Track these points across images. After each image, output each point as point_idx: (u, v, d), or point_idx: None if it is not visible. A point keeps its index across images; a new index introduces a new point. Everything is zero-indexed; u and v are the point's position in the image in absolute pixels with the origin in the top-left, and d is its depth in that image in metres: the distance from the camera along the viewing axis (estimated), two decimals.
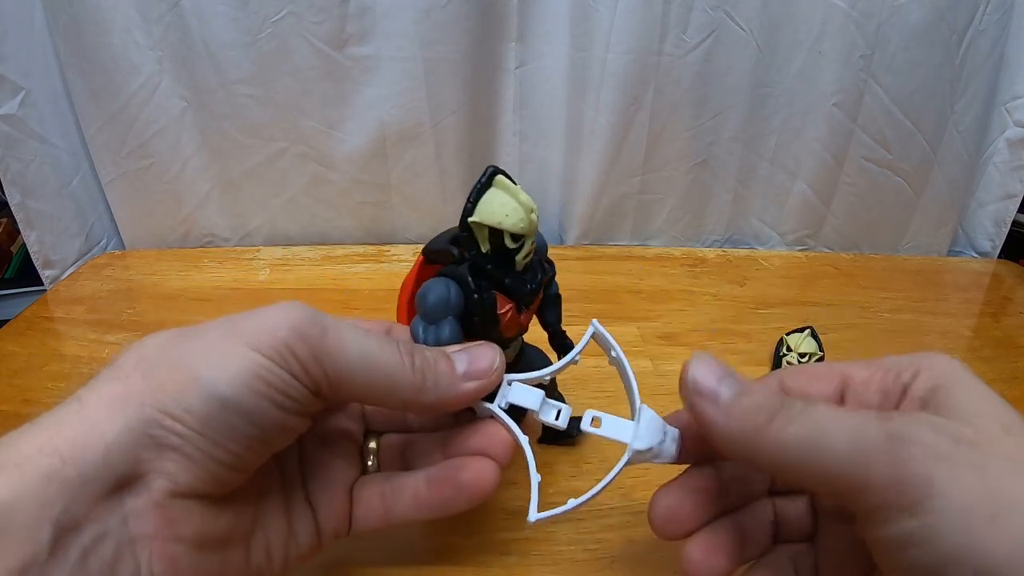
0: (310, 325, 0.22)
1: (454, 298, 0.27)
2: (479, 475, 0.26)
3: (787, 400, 0.20)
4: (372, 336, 0.23)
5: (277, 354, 0.21)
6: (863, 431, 0.18)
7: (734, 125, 0.65)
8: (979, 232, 0.73)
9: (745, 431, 0.20)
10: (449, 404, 0.25)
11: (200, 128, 0.62)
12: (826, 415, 0.19)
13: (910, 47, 0.60)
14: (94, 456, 0.19)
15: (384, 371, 0.23)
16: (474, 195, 0.26)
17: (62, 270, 0.65)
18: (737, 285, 0.63)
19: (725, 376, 0.22)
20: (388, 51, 0.59)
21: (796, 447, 0.19)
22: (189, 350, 0.21)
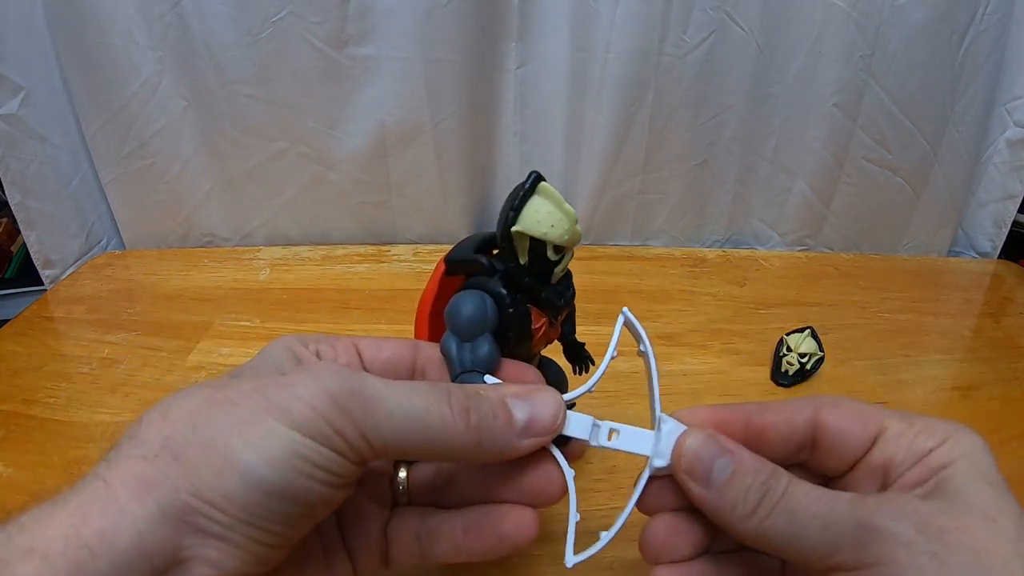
0: (351, 398, 0.20)
1: (490, 313, 0.25)
2: (520, 527, 0.25)
3: (770, 482, 0.21)
4: (418, 395, 0.22)
5: (319, 432, 0.20)
6: (835, 518, 0.20)
7: (734, 125, 0.65)
8: (979, 232, 0.73)
9: (731, 521, 0.22)
10: (507, 458, 0.23)
11: (200, 128, 0.62)
12: (803, 504, 0.21)
13: (910, 47, 0.60)
14: (126, 546, 0.17)
15: (434, 434, 0.21)
16: (518, 203, 0.24)
17: (62, 270, 0.65)
18: (737, 285, 0.63)
19: (718, 456, 0.22)
20: (388, 51, 0.59)
21: (776, 535, 0.21)
22: (222, 429, 0.20)
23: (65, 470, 0.39)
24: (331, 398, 0.20)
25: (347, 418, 0.20)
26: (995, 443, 0.46)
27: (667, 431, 0.24)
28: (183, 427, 0.20)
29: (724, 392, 0.47)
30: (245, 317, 0.55)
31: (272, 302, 0.58)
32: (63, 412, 0.44)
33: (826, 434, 0.24)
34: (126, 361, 0.50)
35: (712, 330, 0.55)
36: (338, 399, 0.20)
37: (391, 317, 0.55)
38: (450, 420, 0.22)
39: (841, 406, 0.24)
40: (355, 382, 0.21)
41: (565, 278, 0.28)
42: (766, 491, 0.21)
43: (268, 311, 0.56)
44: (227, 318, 0.55)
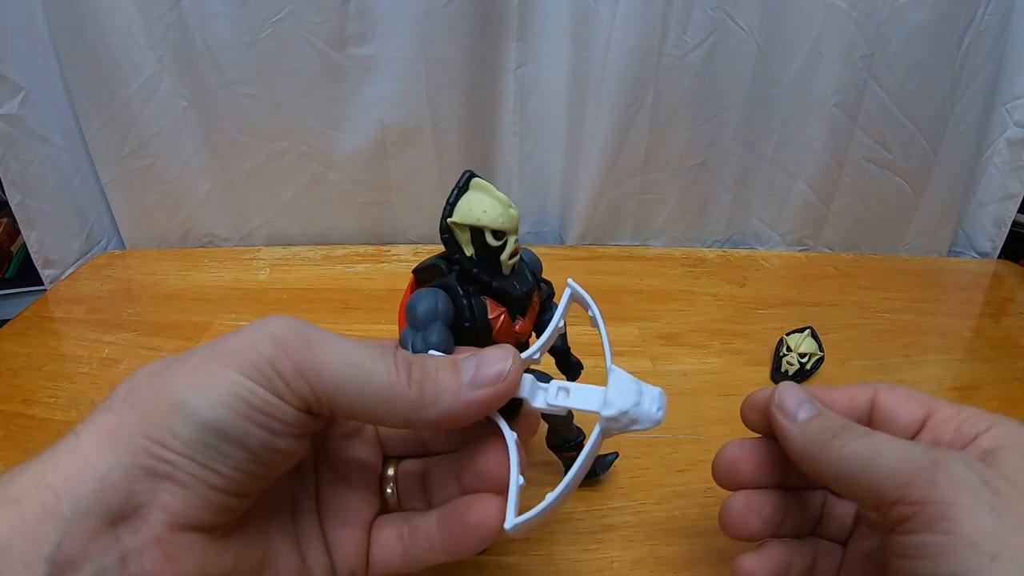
0: (294, 338, 0.21)
1: (442, 305, 0.26)
2: (485, 515, 0.24)
3: (852, 424, 0.24)
4: (364, 348, 0.22)
5: (259, 373, 0.20)
6: (912, 454, 0.21)
7: (734, 125, 0.65)
8: (979, 232, 0.73)
9: (814, 444, 0.24)
10: (457, 418, 0.23)
11: (200, 128, 0.62)
12: (883, 439, 0.23)
13: (910, 47, 0.60)
14: (87, 490, 0.18)
15: (375, 385, 0.21)
16: (452, 198, 0.27)
17: (62, 270, 0.65)
18: (737, 285, 0.63)
19: (805, 401, 0.25)
20: (388, 51, 0.59)
21: (852, 460, 0.22)
22: (173, 376, 0.21)
23: None
24: (274, 340, 0.21)
25: (288, 359, 0.20)
26: None
27: (615, 381, 0.23)
28: (143, 380, 0.21)
29: (724, 392, 0.47)
30: (245, 317, 0.55)
31: (272, 302, 0.58)
32: (63, 412, 0.44)
33: (881, 411, 0.26)
34: (126, 361, 0.50)
35: (712, 330, 0.55)
36: (281, 340, 0.21)
37: (391, 317, 0.54)
38: (393, 372, 0.22)
39: (897, 389, 0.27)
40: (302, 327, 0.22)
41: (520, 271, 0.29)
42: (846, 428, 0.24)
43: (268, 311, 0.56)
44: (227, 318, 0.55)
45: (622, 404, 0.23)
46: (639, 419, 0.23)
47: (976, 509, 0.19)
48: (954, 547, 0.19)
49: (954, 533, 0.19)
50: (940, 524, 0.19)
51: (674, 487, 0.38)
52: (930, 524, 0.20)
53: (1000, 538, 0.19)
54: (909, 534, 0.20)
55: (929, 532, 0.20)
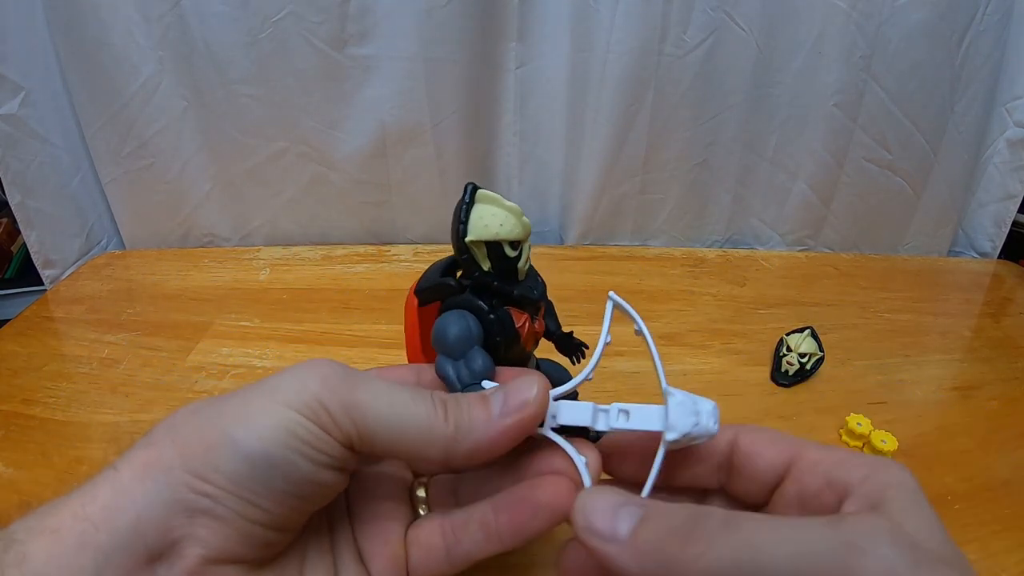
0: (339, 379, 0.22)
1: (474, 327, 0.26)
2: (557, 493, 0.23)
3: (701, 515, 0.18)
4: (404, 390, 0.23)
5: (307, 408, 0.21)
6: (809, 542, 0.16)
7: (734, 125, 0.65)
8: (979, 232, 0.73)
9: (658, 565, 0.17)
10: (489, 449, 0.23)
11: (200, 128, 0.62)
12: (759, 527, 0.17)
13: (910, 47, 0.60)
14: (125, 523, 0.19)
15: (416, 424, 0.22)
16: (463, 215, 0.26)
17: (62, 270, 0.65)
18: (737, 285, 0.63)
19: (620, 506, 0.19)
20: (388, 51, 0.59)
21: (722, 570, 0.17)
22: (218, 413, 0.21)
23: (65, 470, 0.39)
24: (321, 378, 0.21)
25: (334, 396, 0.21)
26: (995, 443, 0.46)
27: (675, 405, 0.23)
28: (185, 416, 0.21)
29: (724, 392, 0.47)
30: (245, 317, 0.55)
31: (272, 302, 0.58)
32: (63, 412, 0.44)
33: (741, 456, 0.24)
34: (126, 361, 0.50)
35: (712, 330, 0.55)
36: (328, 380, 0.21)
37: (391, 317, 0.55)
38: (432, 411, 0.22)
39: (761, 431, 0.24)
40: (346, 369, 0.22)
41: (531, 272, 0.29)
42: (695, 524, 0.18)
43: (268, 311, 0.56)
44: (227, 318, 0.55)
45: (683, 427, 0.23)
46: (699, 436, 0.23)
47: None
48: None
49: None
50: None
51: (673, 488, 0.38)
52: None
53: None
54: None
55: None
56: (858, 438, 0.42)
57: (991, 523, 0.37)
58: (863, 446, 0.42)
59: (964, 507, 0.38)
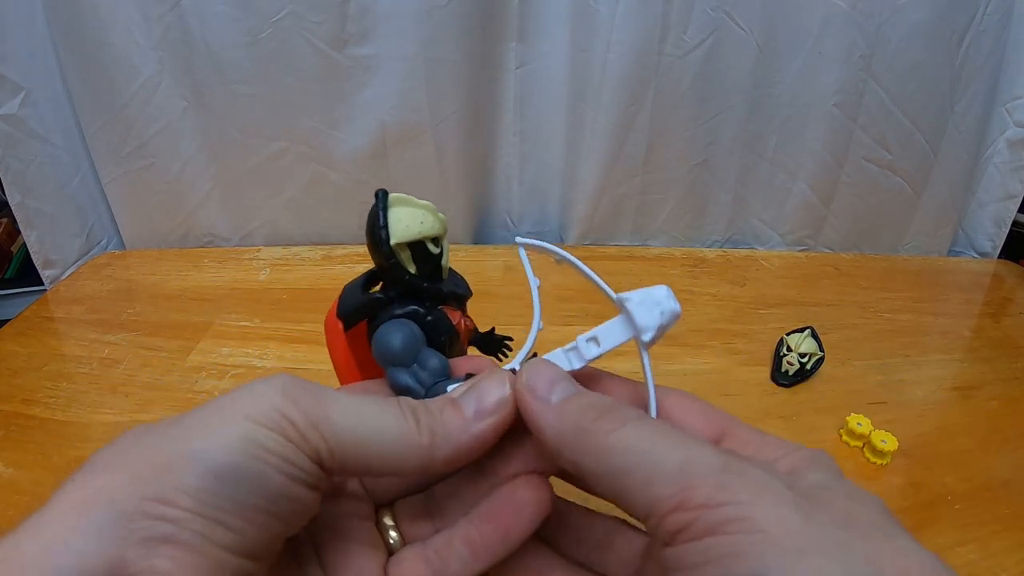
0: (303, 392, 0.20)
1: (418, 332, 0.25)
2: (535, 490, 0.23)
3: (622, 406, 0.20)
4: (371, 401, 0.21)
5: (270, 420, 0.19)
6: (699, 454, 0.18)
7: (734, 125, 0.65)
8: (979, 232, 0.73)
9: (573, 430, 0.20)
10: (468, 454, 0.22)
11: (200, 128, 0.62)
12: (662, 430, 0.19)
13: (910, 47, 0.60)
14: (66, 565, 0.16)
15: (388, 436, 0.21)
16: (382, 221, 0.25)
17: (62, 270, 0.65)
18: (737, 285, 0.63)
19: (561, 379, 0.22)
20: (388, 51, 0.59)
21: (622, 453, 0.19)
22: (173, 429, 0.19)
23: (65, 470, 0.39)
24: (283, 391, 0.20)
25: (298, 409, 0.20)
26: (995, 443, 0.46)
27: (635, 304, 0.23)
28: (129, 442, 0.19)
29: (724, 392, 0.47)
30: (245, 317, 0.55)
31: (272, 302, 0.58)
32: (63, 412, 0.44)
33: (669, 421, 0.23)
34: (126, 361, 0.50)
35: (712, 330, 0.55)
36: (289, 392, 0.20)
37: None
38: (403, 421, 0.21)
39: (691, 399, 0.24)
40: (308, 383, 0.21)
41: (451, 270, 0.29)
42: (613, 409, 0.20)
43: (268, 311, 0.56)
44: (227, 318, 0.55)
45: (653, 322, 0.23)
46: (669, 323, 0.23)
47: (779, 510, 0.16)
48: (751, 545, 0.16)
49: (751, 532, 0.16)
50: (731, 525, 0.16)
51: None
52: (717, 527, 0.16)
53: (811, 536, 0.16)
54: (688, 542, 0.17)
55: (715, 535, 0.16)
56: (858, 438, 0.42)
57: (991, 523, 0.37)
58: (863, 446, 0.42)
59: (964, 507, 0.38)
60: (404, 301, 0.26)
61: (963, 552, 0.36)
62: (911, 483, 0.40)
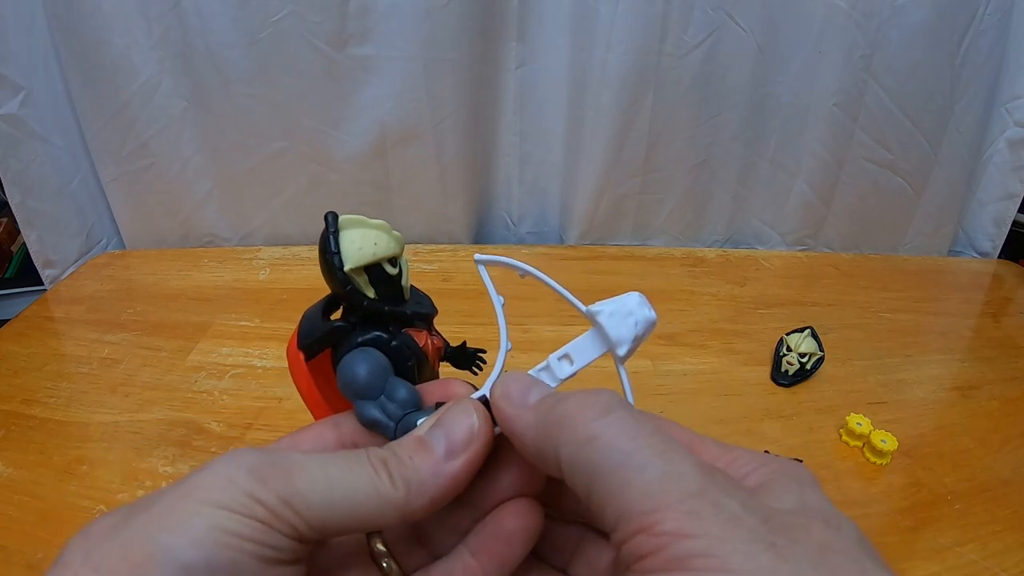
0: (269, 468, 0.19)
1: (383, 360, 0.24)
2: (522, 518, 0.23)
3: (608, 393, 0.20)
4: (339, 461, 0.21)
5: (239, 504, 0.18)
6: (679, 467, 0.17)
7: (734, 125, 0.65)
8: (979, 232, 0.73)
9: (555, 421, 0.19)
10: (446, 495, 0.21)
11: (200, 128, 0.62)
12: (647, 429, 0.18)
13: (910, 47, 0.60)
14: None
15: (362, 497, 0.20)
16: (333, 246, 0.24)
17: (62, 270, 0.65)
18: (737, 285, 0.63)
19: (535, 385, 0.22)
20: (388, 51, 0.59)
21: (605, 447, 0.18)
22: (141, 525, 0.18)
23: (65, 470, 0.39)
24: (248, 470, 0.19)
25: (266, 487, 0.19)
26: (995, 443, 0.46)
27: (607, 316, 0.22)
28: (101, 536, 0.18)
29: (724, 392, 0.47)
30: (245, 317, 0.55)
31: (272, 302, 0.58)
32: (63, 412, 0.44)
33: None
34: (126, 361, 0.50)
35: (712, 330, 0.55)
36: (255, 470, 0.19)
37: None
38: (374, 477, 0.20)
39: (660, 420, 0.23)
40: (272, 455, 0.20)
41: (412, 289, 0.27)
42: (598, 398, 0.19)
43: (268, 311, 0.56)
44: (227, 318, 0.55)
45: (627, 334, 0.22)
46: (644, 333, 0.23)
47: (750, 548, 0.15)
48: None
49: (717, 571, 0.15)
50: (697, 560, 0.15)
51: None
52: (682, 561, 0.16)
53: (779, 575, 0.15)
54: (651, 573, 0.16)
55: (679, 571, 0.16)
56: (858, 438, 0.42)
57: (991, 523, 0.37)
58: (863, 446, 0.42)
59: (964, 507, 0.38)
60: (366, 327, 0.25)
61: (963, 552, 0.36)
62: (911, 483, 0.40)
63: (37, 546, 0.34)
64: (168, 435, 0.42)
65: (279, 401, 0.45)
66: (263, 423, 0.44)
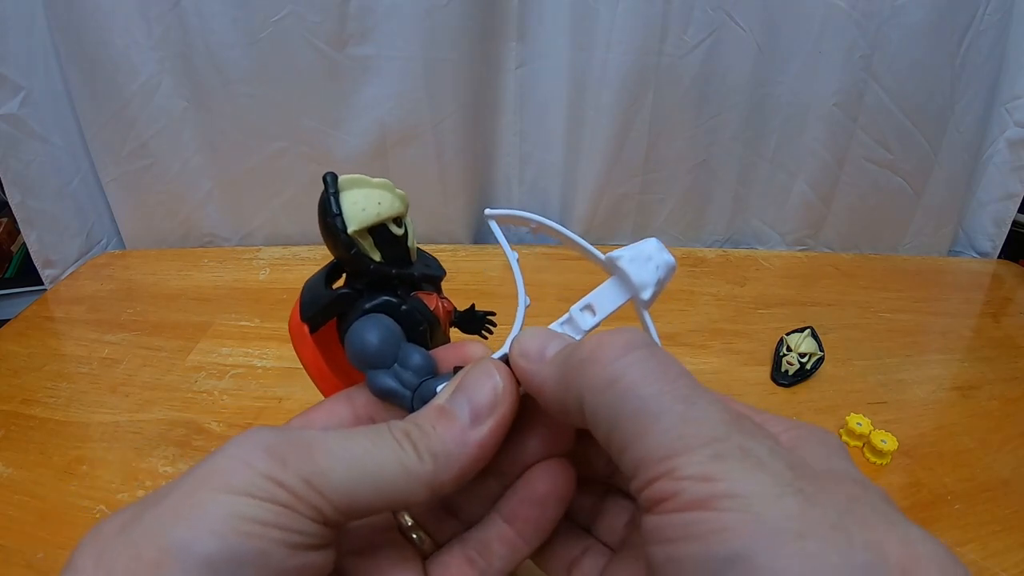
0: (288, 447, 0.18)
1: (394, 326, 0.23)
2: (554, 480, 0.22)
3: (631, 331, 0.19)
4: (360, 438, 0.19)
5: (260, 490, 0.17)
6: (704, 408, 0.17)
7: (734, 125, 0.65)
8: (979, 232, 0.73)
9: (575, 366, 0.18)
10: (476, 465, 0.20)
11: (200, 128, 0.62)
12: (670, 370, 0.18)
13: (910, 47, 0.60)
14: None
15: (390, 474, 0.19)
16: (335, 208, 0.23)
17: (62, 270, 0.65)
18: (737, 285, 0.63)
19: (552, 338, 0.21)
20: (388, 51, 0.59)
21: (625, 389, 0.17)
22: (154, 519, 0.17)
23: (65, 470, 0.39)
24: (266, 451, 0.18)
25: (287, 469, 0.18)
26: (995, 443, 0.46)
27: (628, 261, 0.22)
28: (112, 536, 0.17)
29: (724, 392, 0.47)
30: (245, 317, 0.55)
31: (272, 302, 0.58)
32: (63, 412, 0.44)
33: None
34: (126, 361, 0.50)
35: (712, 330, 0.55)
36: (273, 450, 0.18)
37: None
38: (400, 452, 0.19)
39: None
40: (290, 433, 0.19)
41: (419, 252, 0.26)
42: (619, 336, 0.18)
43: (268, 311, 0.56)
44: (227, 318, 0.55)
45: (650, 278, 0.22)
46: (666, 276, 0.22)
47: (777, 491, 0.15)
48: (741, 524, 0.14)
49: (740, 510, 0.14)
50: (720, 501, 0.15)
51: None
52: (703, 502, 0.15)
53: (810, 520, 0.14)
54: (670, 513, 0.15)
55: (700, 510, 0.15)
56: (858, 438, 0.42)
57: (991, 523, 0.37)
58: (863, 446, 0.42)
59: (964, 507, 0.38)
60: (373, 293, 0.23)
61: (963, 552, 0.36)
62: (911, 483, 0.40)
63: (37, 546, 0.34)
64: (168, 435, 0.42)
65: (279, 401, 0.46)
66: (263, 423, 0.44)
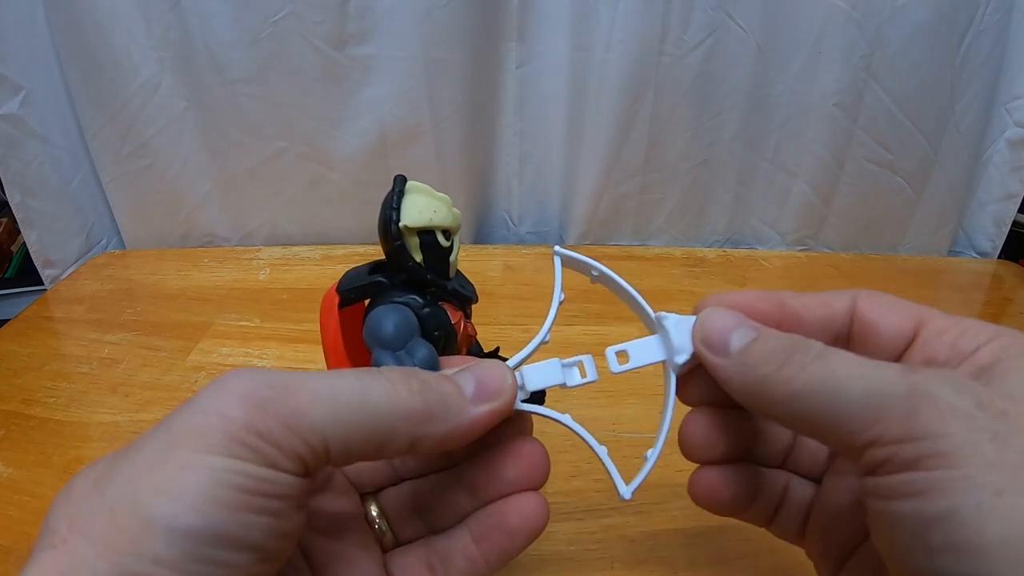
0: (268, 392, 0.17)
1: (413, 320, 0.24)
2: (527, 514, 0.22)
3: (802, 345, 0.19)
4: (346, 375, 0.19)
5: (241, 446, 0.16)
6: (882, 382, 0.17)
7: (734, 125, 0.65)
8: (979, 232, 0.73)
9: (756, 381, 0.19)
10: (463, 435, 0.20)
11: (200, 128, 0.62)
12: (842, 362, 0.18)
13: (910, 47, 0.60)
14: None
15: (374, 406, 0.18)
16: (396, 203, 0.24)
17: (62, 270, 0.65)
18: (737, 285, 0.63)
19: (736, 326, 0.21)
20: (388, 51, 0.59)
21: (808, 395, 0.18)
22: (129, 482, 0.16)
23: (65, 470, 0.39)
24: (244, 399, 0.17)
25: (269, 414, 0.17)
26: None
27: (673, 324, 0.23)
28: (88, 498, 0.16)
29: None
30: (245, 317, 0.55)
31: (272, 302, 0.58)
32: (63, 412, 0.44)
33: (863, 323, 0.22)
34: (126, 361, 0.50)
35: None
36: (252, 398, 0.17)
37: None
38: (390, 388, 0.19)
39: (881, 297, 0.22)
40: (270, 374, 0.18)
41: (460, 273, 0.28)
42: (793, 352, 0.19)
43: (268, 311, 0.56)
44: (227, 318, 0.55)
45: (688, 345, 0.22)
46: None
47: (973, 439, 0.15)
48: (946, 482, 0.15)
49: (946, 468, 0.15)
50: (926, 461, 0.16)
51: (674, 487, 0.38)
52: (913, 463, 0.16)
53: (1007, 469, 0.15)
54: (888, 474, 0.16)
55: (912, 470, 0.16)
56: None
57: None
58: None
59: None
60: (406, 289, 0.25)
61: None
62: None
63: None
64: None
65: None
66: None
